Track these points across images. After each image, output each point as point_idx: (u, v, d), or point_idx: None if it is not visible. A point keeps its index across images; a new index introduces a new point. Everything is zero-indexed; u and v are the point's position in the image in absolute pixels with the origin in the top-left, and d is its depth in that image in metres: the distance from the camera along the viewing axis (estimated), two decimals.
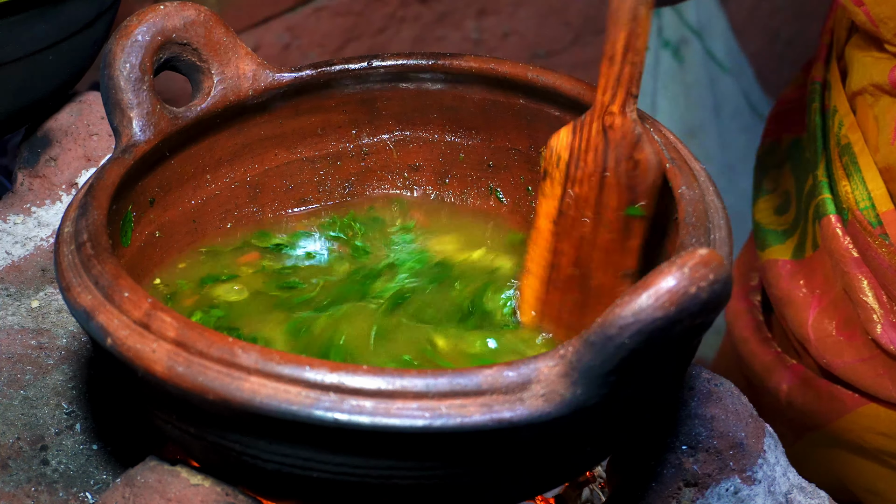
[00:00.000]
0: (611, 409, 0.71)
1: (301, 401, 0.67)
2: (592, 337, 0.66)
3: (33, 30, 1.02)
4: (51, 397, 0.90)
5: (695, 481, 0.83)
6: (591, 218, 0.84)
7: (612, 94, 0.81)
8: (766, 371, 1.20)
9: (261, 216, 0.95)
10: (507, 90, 0.92)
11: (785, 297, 1.16)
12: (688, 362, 0.80)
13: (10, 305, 0.99)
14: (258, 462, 0.71)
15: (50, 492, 0.84)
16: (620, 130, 0.82)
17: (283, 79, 0.91)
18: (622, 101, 0.81)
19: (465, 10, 1.97)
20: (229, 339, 0.69)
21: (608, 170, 0.82)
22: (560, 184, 0.84)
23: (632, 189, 0.82)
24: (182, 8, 0.87)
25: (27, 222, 1.08)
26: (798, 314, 1.15)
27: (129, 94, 0.84)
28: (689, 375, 0.86)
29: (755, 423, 0.85)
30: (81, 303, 0.74)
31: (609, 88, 0.81)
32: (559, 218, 0.85)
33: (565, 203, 0.84)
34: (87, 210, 0.78)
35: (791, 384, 1.17)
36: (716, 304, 0.65)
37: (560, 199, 0.84)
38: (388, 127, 0.96)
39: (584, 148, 0.83)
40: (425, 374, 0.67)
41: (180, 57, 0.87)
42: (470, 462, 0.70)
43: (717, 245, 0.78)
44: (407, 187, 0.98)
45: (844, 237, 1.08)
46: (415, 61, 0.93)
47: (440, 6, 1.94)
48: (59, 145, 1.10)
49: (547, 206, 0.85)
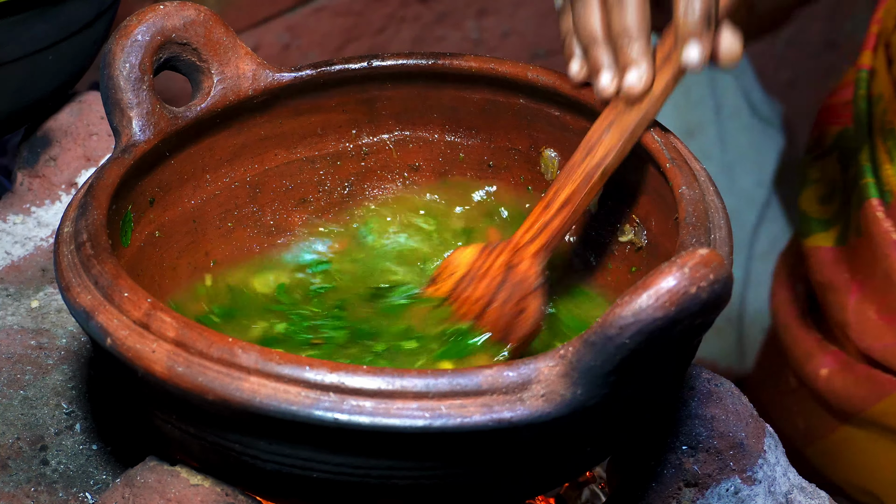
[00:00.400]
0: (611, 409, 0.71)
1: (301, 401, 0.67)
2: (592, 337, 0.66)
3: (33, 30, 1.02)
4: (50, 397, 0.90)
5: (695, 481, 0.83)
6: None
7: (532, 236, 0.81)
8: (807, 356, 1.21)
9: (261, 216, 0.95)
10: (507, 90, 0.92)
11: (827, 283, 1.17)
12: (688, 362, 0.80)
13: (10, 305, 0.99)
14: (258, 462, 0.71)
15: (50, 492, 0.84)
16: (523, 274, 0.81)
17: (283, 79, 0.91)
18: (537, 249, 0.81)
19: (465, 10, 1.97)
20: (229, 339, 0.69)
21: (493, 303, 0.82)
22: (442, 294, 0.84)
23: (506, 331, 0.81)
24: (182, 8, 0.87)
25: (27, 222, 1.08)
26: (839, 299, 1.15)
27: (129, 93, 0.84)
28: (689, 375, 0.86)
29: (755, 423, 0.85)
30: (81, 303, 0.73)
31: (532, 230, 0.81)
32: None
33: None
34: (86, 210, 0.78)
35: (831, 368, 1.18)
36: (716, 304, 0.65)
37: (436, 307, 0.84)
38: (388, 127, 0.96)
39: (482, 273, 0.83)
40: (425, 374, 0.67)
41: (180, 57, 0.87)
42: (470, 462, 0.70)
43: (717, 245, 0.78)
44: (407, 187, 0.98)
45: (886, 220, 1.08)
46: (415, 61, 0.93)
47: (440, 6, 1.94)
48: (58, 145, 1.10)
49: (422, 308, 0.84)
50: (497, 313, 0.81)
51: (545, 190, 0.86)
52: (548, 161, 0.94)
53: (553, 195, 0.81)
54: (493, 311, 0.81)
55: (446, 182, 0.96)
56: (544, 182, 0.94)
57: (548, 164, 0.94)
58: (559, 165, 0.93)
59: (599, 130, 0.81)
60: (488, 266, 0.82)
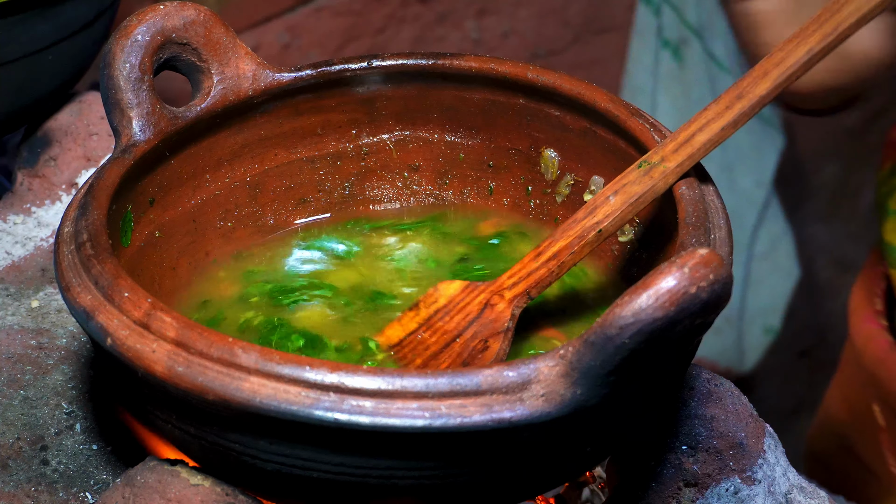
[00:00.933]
0: (611, 410, 0.71)
1: (301, 401, 0.67)
2: (592, 337, 0.66)
3: (33, 30, 1.02)
4: (50, 397, 0.90)
5: (695, 481, 0.83)
6: (422, 360, 0.84)
7: (514, 281, 0.83)
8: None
9: (261, 216, 0.95)
10: (507, 90, 0.92)
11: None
12: (688, 362, 0.80)
13: (10, 305, 0.99)
14: (258, 462, 0.71)
15: (50, 492, 0.84)
16: (496, 314, 0.82)
17: (283, 79, 0.91)
18: (516, 295, 0.82)
19: (465, 10, 1.97)
20: (229, 339, 0.69)
21: (461, 336, 0.83)
22: (419, 321, 0.85)
23: (465, 366, 0.82)
24: (182, 8, 0.87)
25: (27, 222, 1.08)
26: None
27: (129, 93, 0.84)
28: (689, 375, 0.86)
29: (755, 423, 0.85)
30: (81, 303, 0.74)
31: (517, 276, 0.83)
32: (398, 344, 0.85)
33: (410, 338, 0.85)
34: (86, 210, 0.78)
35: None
36: (716, 304, 0.65)
37: (410, 332, 0.85)
38: (388, 127, 0.96)
39: (460, 307, 0.84)
40: (425, 374, 0.67)
41: (180, 57, 0.87)
42: (470, 462, 0.70)
43: (717, 245, 0.78)
44: (407, 187, 0.98)
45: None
46: (415, 61, 0.93)
47: (440, 6, 1.94)
48: (58, 145, 1.10)
49: (395, 331, 0.85)
50: (461, 347, 0.83)
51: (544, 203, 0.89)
52: (548, 161, 0.94)
53: (546, 246, 0.83)
54: (459, 344, 0.83)
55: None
56: (544, 182, 0.94)
57: (548, 164, 0.94)
58: (559, 165, 0.93)
59: (606, 194, 0.82)
60: (467, 302, 0.84)
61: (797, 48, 0.83)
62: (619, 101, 0.88)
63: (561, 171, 0.93)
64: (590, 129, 0.90)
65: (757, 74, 0.83)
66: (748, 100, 0.82)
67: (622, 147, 0.88)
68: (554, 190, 0.94)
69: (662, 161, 0.81)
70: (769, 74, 0.82)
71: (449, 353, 0.83)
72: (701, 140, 0.81)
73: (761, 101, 0.82)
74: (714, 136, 0.81)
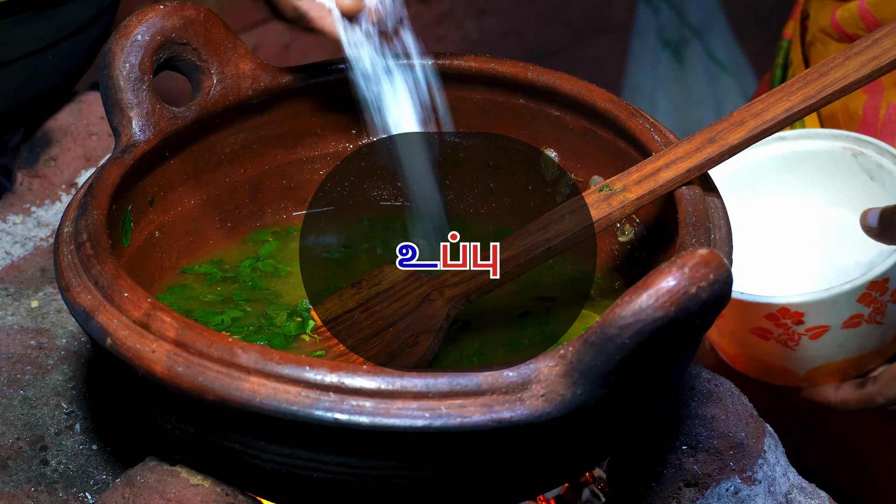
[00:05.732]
0: (611, 409, 0.71)
1: (301, 401, 0.67)
2: (592, 337, 0.66)
3: (33, 30, 1.02)
4: (50, 397, 0.90)
5: (695, 481, 0.83)
6: (353, 342, 0.84)
7: (457, 281, 0.83)
8: None
9: (261, 216, 0.95)
10: (506, 90, 0.92)
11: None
12: (688, 362, 0.80)
13: (10, 305, 0.99)
14: (258, 462, 0.71)
15: (50, 492, 0.84)
16: (432, 311, 0.82)
17: (283, 79, 0.91)
18: (456, 295, 0.82)
19: (465, 10, 1.97)
20: (229, 339, 0.69)
21: (394, 327, 0.83)
22: (358, 300, 0.85)
23: (391, 357, 0.82)
24: (182, 8, 0.87)
25: (27, 222, 1.08)
26: None
27: (129, 93, 0.84)
28: (689, 375, 0.86)
29: (755, 423, 0.85)
30: (81, 303, 0.73)
31: (461, 276, 0.83)
32: (335, 319, 0.85)
33: (347, 316, 0.84)
34: (86, 210, 0.78)
35: None
36: (716, 304, 0.65)
37: (347, 310, 0.85)
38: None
39: (400, 296, 0.84)
40: (425, 375, 0.67)
41: (180, 57, 0.87)
42: (470, 462, 0.70)
43: (717, 245, 0.78)
44: (407, 187, 0.98)
45: None
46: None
47: (440, 6, 1.94)
48: (58, 145, 1.10)
49: (334, 305, 0.85)
50: (392, 337, 0.83)
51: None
52: (548, 161, 0.94)
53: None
54: (391, 333, 0.83)
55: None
56: (544, 182, 0.94)
57: (548, 164, 0.94)
58: (559, 165, 0.93)
59: (562, 211, 0.82)
60: (408, 291, 0.84)
61: (777, 104, 0.83)
62: (619, 101, 0.88)
63: (561, 171, 0.93)
64: (590, 129, 0.90)
65: (734, 121, 0.83)
66: (718, 146, 0.82)
67: (622, 147, 0.88)
68: (554, 190, 0.94)
69: (623, 190, 0.81)
70: (745, 124, 0.82)
71: (380, 340, 0.82)
72: (665, 177, 0.81)
73: (732, 150, 0.82)
74: (678, 177, 0.81)
